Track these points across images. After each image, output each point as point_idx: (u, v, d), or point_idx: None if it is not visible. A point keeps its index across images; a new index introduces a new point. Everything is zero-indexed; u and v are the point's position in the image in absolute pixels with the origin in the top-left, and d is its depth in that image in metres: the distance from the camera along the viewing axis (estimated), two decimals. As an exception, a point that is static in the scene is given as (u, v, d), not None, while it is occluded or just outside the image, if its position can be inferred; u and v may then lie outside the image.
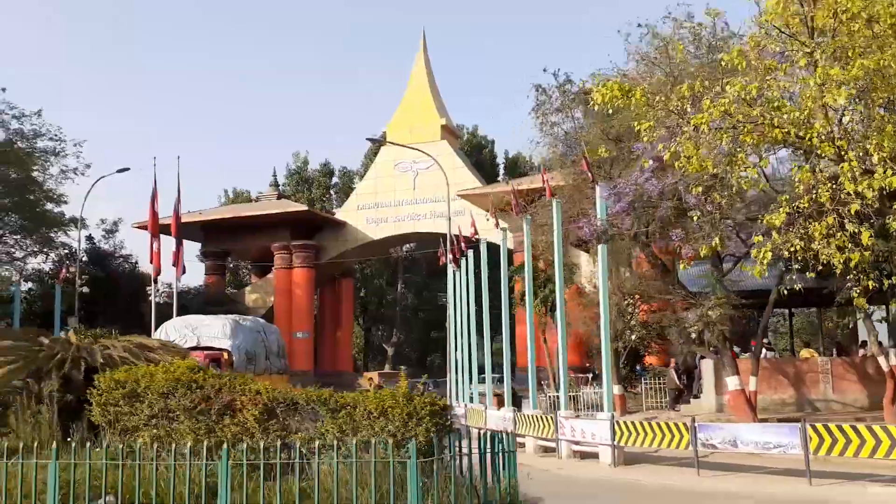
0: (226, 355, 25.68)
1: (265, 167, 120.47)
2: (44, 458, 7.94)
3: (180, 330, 25.54)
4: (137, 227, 49.11)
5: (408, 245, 62.64)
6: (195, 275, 62.63)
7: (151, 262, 27.28)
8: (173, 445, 7.75)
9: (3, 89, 34.64)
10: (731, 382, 21.75)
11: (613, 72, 20.62)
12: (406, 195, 50.50)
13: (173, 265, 27.75)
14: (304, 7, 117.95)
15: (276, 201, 53.33)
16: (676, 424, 16.55)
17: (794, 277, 13.79)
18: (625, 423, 17.60)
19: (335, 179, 69.06)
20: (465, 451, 7.25)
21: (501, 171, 71.82)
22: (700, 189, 14.90)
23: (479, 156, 68.89)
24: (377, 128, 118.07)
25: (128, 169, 33.84)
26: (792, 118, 13.69)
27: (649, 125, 13.45)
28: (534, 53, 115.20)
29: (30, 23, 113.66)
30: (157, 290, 32.39)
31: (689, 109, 13.51)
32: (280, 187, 61.98)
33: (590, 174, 18.22)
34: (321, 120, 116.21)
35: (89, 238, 44.45)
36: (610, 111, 14.75)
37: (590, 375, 37.53)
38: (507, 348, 24.47)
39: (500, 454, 7.27)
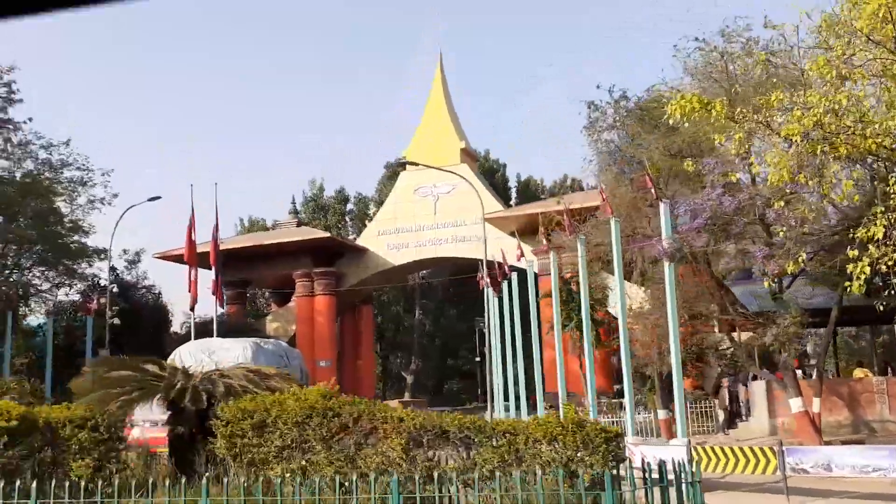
0: None
1: (277, 190, 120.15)
2: (163, 496, 7.41)
3: (196, 354, 22.37)
4: (159, 258, 48.68)
5: (423, 271, 62.14)
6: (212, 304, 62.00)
7: (189, 292, 26.78)
8: (310, 479, 7.22)
9: (30, 119, 34.35)
10: (795, 404, 21.15)
11: (665, 87, 20.30)
12: (427, 220, 50.03)
13: (213, 294, 27.24)
14: (303, 7, 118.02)
15: (296, 229, 52.92)
16: (762, 448, 15.99)
17: (893, 293, 13.30)
18: (702, 448, 17.02)
19: (350, 206, 68.81)
20: (639, 482, 6.73)
21: (514, 195, 71.64)
22: (782, 203, 14.50)
23: (491, 179, 68.61)
24: (389, 140, 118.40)
25: (159, 197, 33.68)
26: (884, 128, 13.34)
27: (739, 136, 13.04)
28: (545, 60, 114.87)
29: (30, 23, 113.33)
30: (182, 322, 31.87)
31: (779, 120, 13.13)
32: (297, 215, 61.68)
33: (653, 191, 17.82)
34: (328, 125, 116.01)
35: (112, 269, 43.96)
36: (685, 123, 14.35)
37: (623, 400, 36.94)
38: (561, 372, 23.92)
39: (687, 485, 6.77)
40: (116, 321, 33.76)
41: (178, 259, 52.24)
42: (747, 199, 15.72)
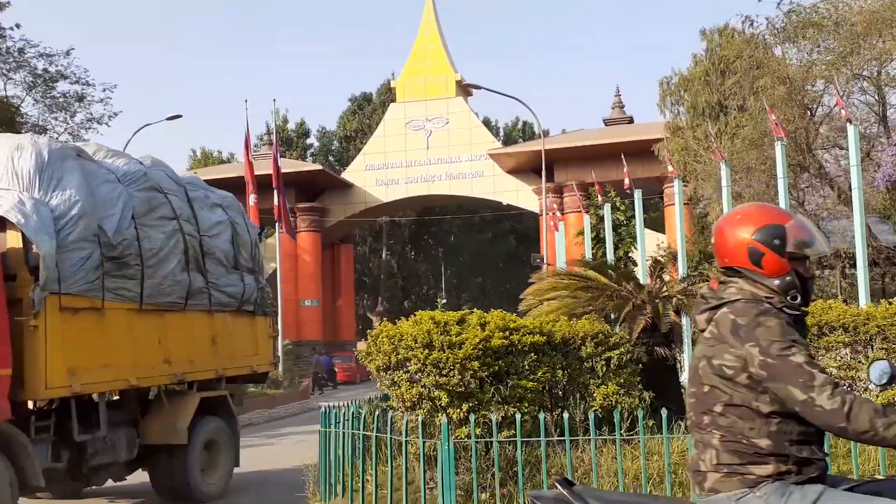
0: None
1: (230, 121, 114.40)
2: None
3: None
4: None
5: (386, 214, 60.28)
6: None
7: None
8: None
9: (17, 25, 30.31)
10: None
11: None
12: (419, 156, 47.89)
13: (276, 220, 24.73)
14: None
15: (281, 160, 49.83)
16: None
17: None
18: None
19: (311, 140, 65.94)
20: None
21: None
22: None
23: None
24: (353, 72, 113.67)
25: (180, 116, 30.38)
26: None
27: None
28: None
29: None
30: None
31: None
32: (257, 147, 58.31)
33: (844, 113, 16.64)
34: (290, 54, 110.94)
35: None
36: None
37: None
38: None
39: None
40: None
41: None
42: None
